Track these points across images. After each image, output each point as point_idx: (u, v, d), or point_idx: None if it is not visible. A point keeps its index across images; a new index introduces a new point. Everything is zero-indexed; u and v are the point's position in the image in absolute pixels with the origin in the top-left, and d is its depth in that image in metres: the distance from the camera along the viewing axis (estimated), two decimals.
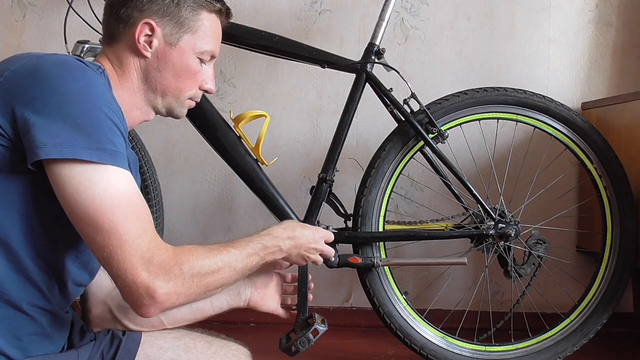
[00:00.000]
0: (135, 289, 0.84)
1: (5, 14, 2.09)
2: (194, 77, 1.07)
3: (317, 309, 2.10)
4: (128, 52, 1.03)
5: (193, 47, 1.05)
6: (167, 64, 1.04)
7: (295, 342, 1.39)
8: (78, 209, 0.84)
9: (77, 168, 0.83)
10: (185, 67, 1.05)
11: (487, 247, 1.69)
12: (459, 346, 1.70)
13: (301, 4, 2.10)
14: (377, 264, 1.64)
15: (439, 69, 2.13)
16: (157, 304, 0.86)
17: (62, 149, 0.83)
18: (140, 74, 1.04)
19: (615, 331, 2.00)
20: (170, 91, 1.06)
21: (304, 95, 2.13)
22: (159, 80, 1.04)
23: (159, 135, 2.11)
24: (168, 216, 2.02)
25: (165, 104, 1.07)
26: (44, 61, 0.90)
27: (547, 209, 1.98)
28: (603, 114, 2.00)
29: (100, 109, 0.87)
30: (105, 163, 0.85)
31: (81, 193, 0.84)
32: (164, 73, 1.04)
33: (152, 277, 0.84)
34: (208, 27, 1.07)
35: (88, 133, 0.84)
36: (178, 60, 1.04)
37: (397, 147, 1.68)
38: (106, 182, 0.85)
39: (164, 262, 0.86)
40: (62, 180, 0.84)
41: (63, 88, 0.86)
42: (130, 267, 0.84)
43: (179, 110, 1.09)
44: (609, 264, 1.75)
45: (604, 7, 2.13)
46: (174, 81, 1.05)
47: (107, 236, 0.84)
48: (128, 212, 0.85)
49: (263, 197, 1.64)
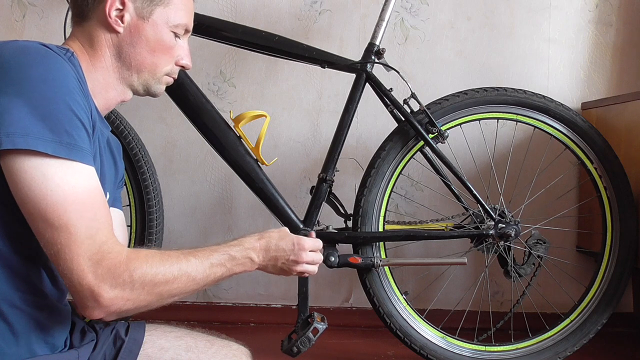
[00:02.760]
0: (80, 290, 0.82)
1: (5, 14, 2.09)
2: (170, 52, 1.05)
3: (317, 308, 2.10)
4: (99, 29, 1.00)
5: (166, 20, 1.02)
6: (140, 39, 1.01)
7: (296, 343, 1.39)
8: (29, 203, 0.81)
9: (30, 161, 0.80)
10: (159, 41, 1.02)
11: (487, 247, 1.69)
12: (459, 346, 1.70)
13: (301, 4, 2.10)
14: (377, 264, 1.64)
15: (439, 69, 2.13)
16: (102, 307, 0.83)
17: (14, 139, 0.79)
18: (113, 50, 1.01)
19: (615, 331, 2.00)
20: (145, 67, 1.03)
21: (304, 95, 2.13)
22: (133, 56, 1.01)
23: (159, 135, 2.11)
24: (168, 216, 2.02)
25: (141, 81, 1.04)
26: (2, 49, 0.86)
27: (547, 209, 1.98)
28: (603, 114, 2.00)
29: (61, 99, 0.83)
30: (61, 157, 0.81)
31: (33, 189, 0.80)
32: (137, 48, 1.01)
33: (98, 281, 0.82)
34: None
35: (45, 124, 0.80)
36: (152, 34, 1.01)
37: (397, 147, 1.68)
38: (61, 177, 0.81)
39: (114, 266, 0.83)
40: (14, 173, 0.80)
41: (20, 76, 0.82)
42: (77, 267, 0.81)
43: (156, 87, 1.06)
44: (609, 264, 1.75)
45: (604, 7, 2.13)
46: (149, 56, 1.02)
47: (56, 233, 0.81)
48: (82, 211, 0.82)
49: (263, 197, 1.64)
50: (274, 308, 2.14)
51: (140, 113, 2.06)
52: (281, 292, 2.14)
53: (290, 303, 2.13)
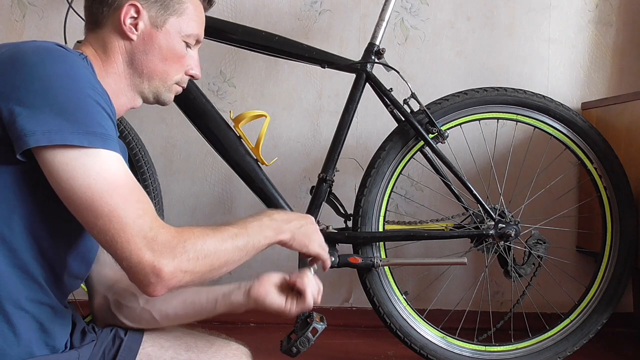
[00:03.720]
0: (141, 269, 0.84)
1: (5, 14, 2.09)
2: (180, 61, 1.06)
3: (317, 309, 2.09)
4: (113, 36, 1.02)
5: (179, 29, 1.04)
6: (153, 47, 1.03)
7: (296, 343, 1.39)
8: (75, 195, 0.82)
9: (68, 154, 0.82)
10: (171, 49, 1.04)
11: (487, 247, 1.69)
12: (459, 346, 1.70)
13: (301, 4, 2.10)
14: (377, 264, 1.64)
15: (439, 69, 2.13)
16: (164, 281, 0.85)
17: (51, 135, 0.81)
18: (125, 57, 1.03)
19: (615, 331, 2.00)
20: (157, 75, 1.04)
21: (304, 95, 2.13)
22: (145, 64, 1.03)
23: (159, 135, 2.11)
24: (168, 216, 2.02)
25: (152, 88, 1.06)
26: (23, 48, 0.88)
27: (547, 209, 1.98)
28: (603, 114, 2.00)
29: (86, 93, 0.85)
30: (96, 147, 0.83)
31: (76, 179, 0.82)
32: (150, 56, 1.03)
33: (157, 256, 0.84)
34: (192, 10, 1.07)
35: (76, 118, 0.83)
36: (165, 43, 1.03)
37: (397, 147, 1.68)
38: (100, 165, 0.83)
39: (168, 240, 0.85)
40: (55, 168, 0.82)
41: (45, 74, 0.84)
42: (134, 248, 0.83)
43: (165, 95, 1.08)
44: (609, 264, 1.75)
45: (604, 7, 2.13)
46: (161, 64, 1.04)
47: (107, 220, 0.82)
48: (126, 194, 0.84)
49: (263, 197, 1.64)
50: None
51: (141, 113, 2.06)
52: None
53: None
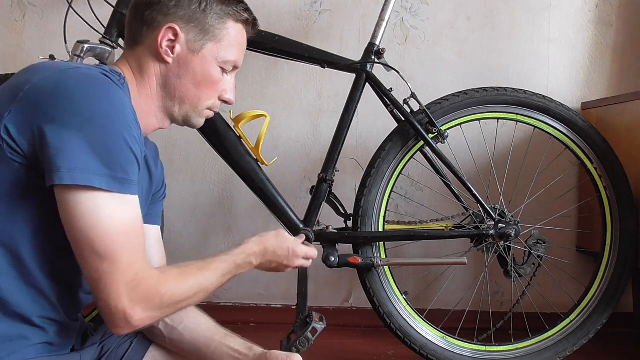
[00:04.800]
0: (115, 312, 0.86)
1: (5, 14, 2.09)
2: (215, 87, 1.06)
3: (317, 308, 2.10)
4: (149, 57, 1.02)
5: (216, 55, 1.04)
6: (187, 71, 1.02)
7: (295, 343, 1.40)
8: (80, 232, 0.84)
9: (86, 195, 0.83)
10: (206, 75, 1.03)
11: (487, 247, 1.69)
12: (459, 346, 1.70)
13: (301, 4, 2.10)
14: (377, 264, 1.64)
15: (439, 69, 2.13)
16: (131, 326, 0.88)
17: (74, 175, 0.82)
18: (159, 79, 1.02)
19: (615, 331, 2.00)
20: (188, 99, 1.04)
21: (304, 95, 2.13)
22: (178, 87, 1.03)
23: (159, 135, 2.09)
24: (168, 216, 2.02)
25: (182, 112, 1.05)
26: (67, 76, 0.87)
27: (547, 209, 1.98)
28: (603, 114, 2.00)
29: (121, 135, 0.86)
30: (113, 191, 0.85)
31: (86, 219, 0.84)
32: (183, 80, 1.02)
33: (133, 304, 0.86)
34: (233, 36, 1.06)
35: (103, 160, 0.84)
36: (199, 68, 1.03)
37: (397, 147, 1.68)
38: (112, 209, 0.85)
39: (148, 291, 0.87)
40: (70, 204, 0.84)
41: (85, 109, 0.84)
42: (114, 292, 0.85)
43: (196, 120, 1.08)
44: (609, 264, 1.75)
45: (604, 7, 2.13)
46: (194, 89, 1.03)
47: (100, 261, 0.84)
48: (126, 241, 0.86)
49: (263, 197, 1.64)
50: (274, 308, 2.14)
51: None
52: (281, 292, 2.14)
53: (290, 303, 2.13)
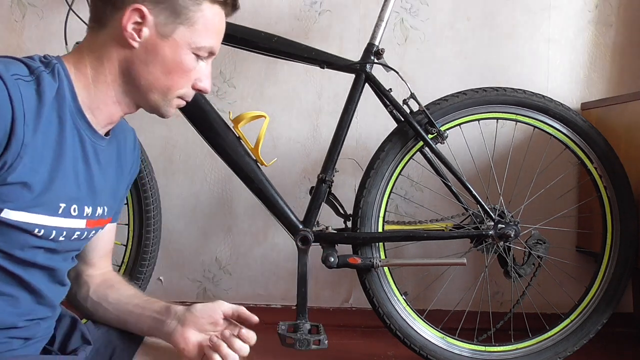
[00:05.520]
0: None
1: (5, 14, 2.09)
2: (187, 75, 0.96)
3: (317, 309, 2.10)
4: (112, 41, 0.93)
5: (189, 41, 0.93)
6: (156, 58, 0.92)
7: (295, 337, 1.42)
8: None
9: None
10: (177, 63, 0.93)
11: (486, 248, 1.69)
12: (458, 346, 1.70)
13: (301, 4, 2.10)
14: (376, 265, 1.64)
15: (438, 69, 2.13)
16: None
17: None
18: (122, 65, 0.93)
19: (615, 331, 1.99)
20: (157, 88, 0.95)
21: (304, 95, 2.13)
22: (144, 75, 0.94)
23: (158, 135, 2.11)
24: (168, 216, 2.02)
25: (150, 101, 0.97)
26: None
27: (547, 209, 1.98)
28: (603, 114, 1.99)
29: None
30: None
31: None
32: (151, 67, 0.93)
33: None
34: (209, 19, 0.94)
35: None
36: (170, 55, 0.93)
37: (396, 148, 1.68)
38: None
39: None
40: None
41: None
42: None
43: (165, 109, 0.98)
44: (609, 264, 1.75)
45: (604, 8, 2.13)
46: (163, 77, 0.94)
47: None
48: None
49: (262, 197, 1.64)
50: (274, 308, 2.14)
51: (140, 113, 2.05)
52: (281, 292, 2.14)
53: (290, 303, 2.13)
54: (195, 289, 2.15)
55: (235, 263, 2.15)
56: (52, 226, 0.91)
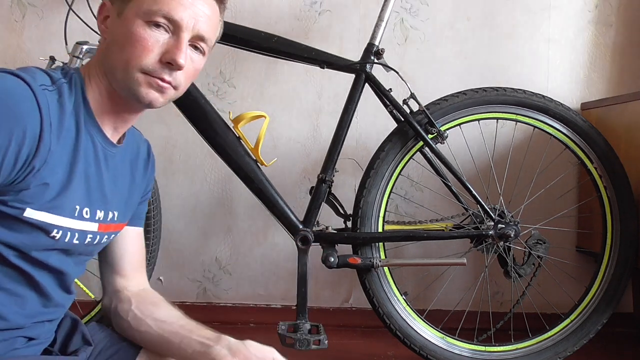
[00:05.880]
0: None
1: (5, 14, 2.09)
2: (140, 44, 0.94)
3: (317, 309, 2.10)
4: (101, 44, 1.02)
5: (137, 11, 0.95)
6: (114, 38, 0.96)
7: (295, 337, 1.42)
8: None
9: None
10: (129, 35, 0.94)
11: (486, 248, 1.69)
12: (458, 346, 1.70)
13: (301, 4, 2.10)
14: (376, 265, 1.64)
15: (438, 69, 2.13)
16: None
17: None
18: (100, 58, 1.00)
19: (615, 331, 2.00)
20: (118, 66, 0.95)
21: (304, 95, 2.13)
22: (108, 57, 0.97)
23: (158, 135, 2.11)
24: (168, 216, 2.02)
25: (120, 84, 0.97)
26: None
27: (547, 209, 1.98)
28: (603, 114, 2.00)
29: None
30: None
31: None
32: (112, 48, 0.96)
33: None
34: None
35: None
36: (122, 30, 0.95)
37: (396, 148, 1.68)
38: None
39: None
40: None
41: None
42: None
43: (134, 88, 0.96)
44: (609, 264, 1.75)
45: (604, 8, 2.13)
46: (119, 53, 0.95)
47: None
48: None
49: (262, 197, 1.64)
50: (274, 308, 2.14)
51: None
52: (281, 293, 2.14)
53: (289, 303, 2.13)
54: (195, 289, 2.15)
55: (235, 263, 2.15)
56: (68, 227, 0.95)
